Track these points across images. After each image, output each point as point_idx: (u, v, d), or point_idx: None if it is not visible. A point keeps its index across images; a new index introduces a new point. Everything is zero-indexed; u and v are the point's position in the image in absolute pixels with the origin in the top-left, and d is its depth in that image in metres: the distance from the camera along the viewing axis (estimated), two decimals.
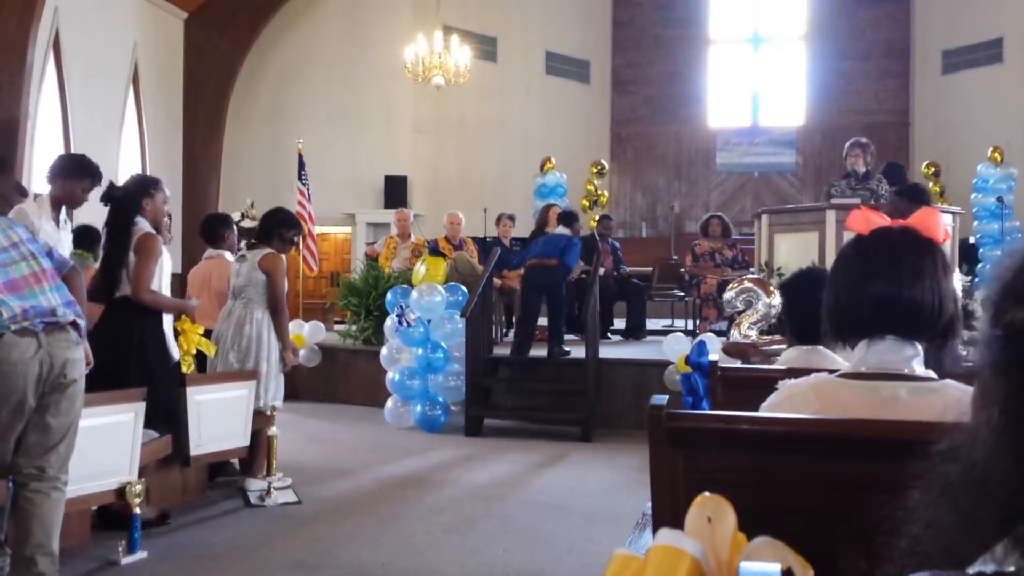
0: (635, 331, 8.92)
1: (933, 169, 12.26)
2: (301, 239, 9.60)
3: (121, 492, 3.78)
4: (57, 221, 4.39)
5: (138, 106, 11.29)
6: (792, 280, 2.72)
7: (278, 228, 4.98)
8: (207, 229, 5.60)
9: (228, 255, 5.40)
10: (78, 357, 3.12)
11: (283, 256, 4.99)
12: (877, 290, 1.46)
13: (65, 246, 4.33)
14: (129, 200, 4.22)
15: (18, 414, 2.97)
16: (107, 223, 4.25)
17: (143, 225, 4.20)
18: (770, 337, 3.26)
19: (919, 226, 1.51)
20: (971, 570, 0.63)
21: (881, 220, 1.54)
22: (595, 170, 12.71)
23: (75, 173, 4.38)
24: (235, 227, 5.74)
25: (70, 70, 9.73)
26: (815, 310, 2.43)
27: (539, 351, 7.56)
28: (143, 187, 4.32)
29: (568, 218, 7.74)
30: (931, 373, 1.49)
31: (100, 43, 10.33)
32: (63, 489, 3.11)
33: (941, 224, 1.52)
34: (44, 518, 3.03)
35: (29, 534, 3.02)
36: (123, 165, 10.69)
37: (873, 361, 1.49)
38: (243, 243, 6.66)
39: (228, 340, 4.82)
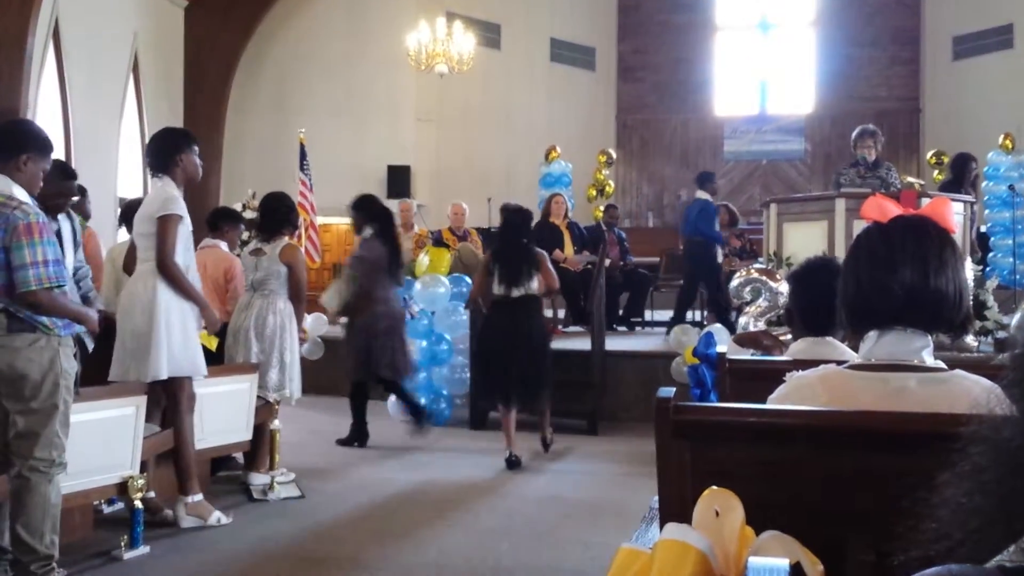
0: (630, 321, 8.96)
1: (935, 159, 12.16)
2: (304, 230, 9.58)
3: (123, 486, 3.75)
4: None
5: (138, 96, 11.27)
6: (802, 270, 2.67)
7: (287, 216, 5.12)
8: (211, 218, 5.60)
9: (224, 246, 5.38)
10: (5, 345, 3.02)
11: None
12: (906, 280, 1.43)
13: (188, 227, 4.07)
14: (528, 220, 5.79)
15: None
16: (512, 236, 5.57)
17: None
18: (778, 330, 3.24)
19: (933, 215, 1.49)
20: (993, 562, 0.62)
21: (895, 208, 1.52)
22: (603, 159, 12.63)
23: (191, 143, 4.08)
24: (241, 224, 5.71)
25: (70, 60, 9.70)
26: (826, 300, 2.43)
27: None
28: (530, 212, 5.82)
29: (701, 179, 8.27)
30: (941, 363, 1.47)
31: (100, 33, 10.30)
32: (40, 476, 3.07)
33: (952, 214, 1.51)
34: (20, 510, 3.05)
35: (11, 526, 3.07)
36: (123, 156, 10.69)
37: (882, 352, 1.47)
38: (247, 234, 6.61)
39: (250, 332, 4.83)
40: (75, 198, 4.28)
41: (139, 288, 3.95)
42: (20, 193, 3.09)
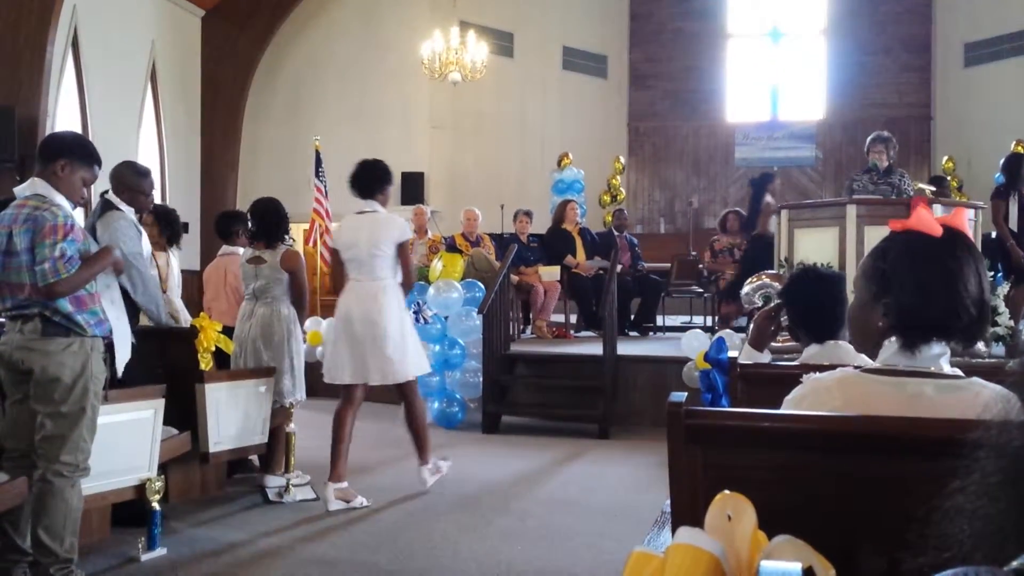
0: (642, 326, 8.92)
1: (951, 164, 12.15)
2: (319, 236, 9.63)
3: (141, 489, 3.80)
4: None
5: (156, 104, 11.35)
6: (791, 282, 2.76)
7: (283, 223, 5.03)
8: (221, 226, 5.62)
9: (243, 251, 5.41)
10: (40, 348, 3.08)
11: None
12: (970, 292, 1.44)
13: None
14: None
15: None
16: None
17: None
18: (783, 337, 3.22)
19: (962, 227, 1.48)
20: (1013, 564, 0.61)
21: (935, 221, 1.49)
22: (619, 166, 12.67)
23: (392, 179, 4.95)
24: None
25: (89, 69, 9.79)
26: (820, 307, 2.55)
27: (556, 347, 7.54)
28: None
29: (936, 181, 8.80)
30: (957, 371, 1.48)
31: (118, 42, 10.39)
32: (64, 481, 3.11)
33: (966, 222, 1.50)
34: (42, 513, 3.09)
35: (32, 528, 3.11)
36: (142, 163, 10.76)
37: (899, 358, 1.47)
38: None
39: (258, 342, 4.81)
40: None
41: (390, 301, 4.63)
42: (58, 198, 3.16)
